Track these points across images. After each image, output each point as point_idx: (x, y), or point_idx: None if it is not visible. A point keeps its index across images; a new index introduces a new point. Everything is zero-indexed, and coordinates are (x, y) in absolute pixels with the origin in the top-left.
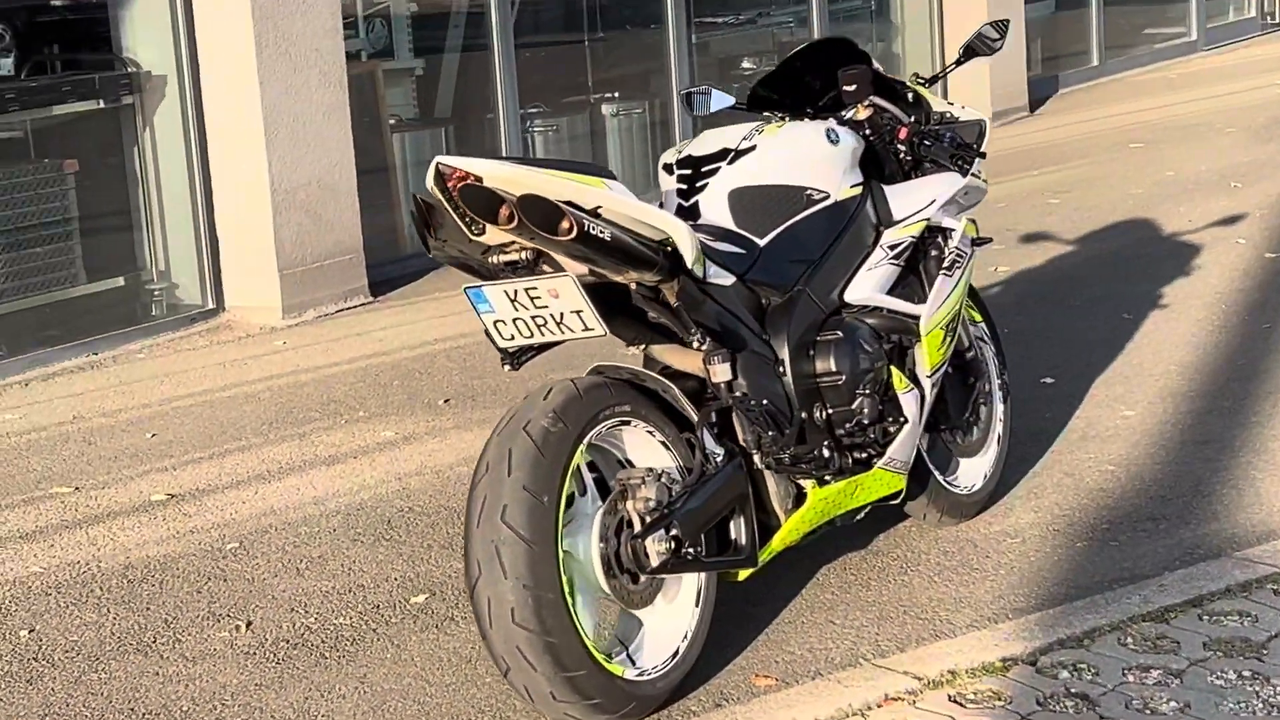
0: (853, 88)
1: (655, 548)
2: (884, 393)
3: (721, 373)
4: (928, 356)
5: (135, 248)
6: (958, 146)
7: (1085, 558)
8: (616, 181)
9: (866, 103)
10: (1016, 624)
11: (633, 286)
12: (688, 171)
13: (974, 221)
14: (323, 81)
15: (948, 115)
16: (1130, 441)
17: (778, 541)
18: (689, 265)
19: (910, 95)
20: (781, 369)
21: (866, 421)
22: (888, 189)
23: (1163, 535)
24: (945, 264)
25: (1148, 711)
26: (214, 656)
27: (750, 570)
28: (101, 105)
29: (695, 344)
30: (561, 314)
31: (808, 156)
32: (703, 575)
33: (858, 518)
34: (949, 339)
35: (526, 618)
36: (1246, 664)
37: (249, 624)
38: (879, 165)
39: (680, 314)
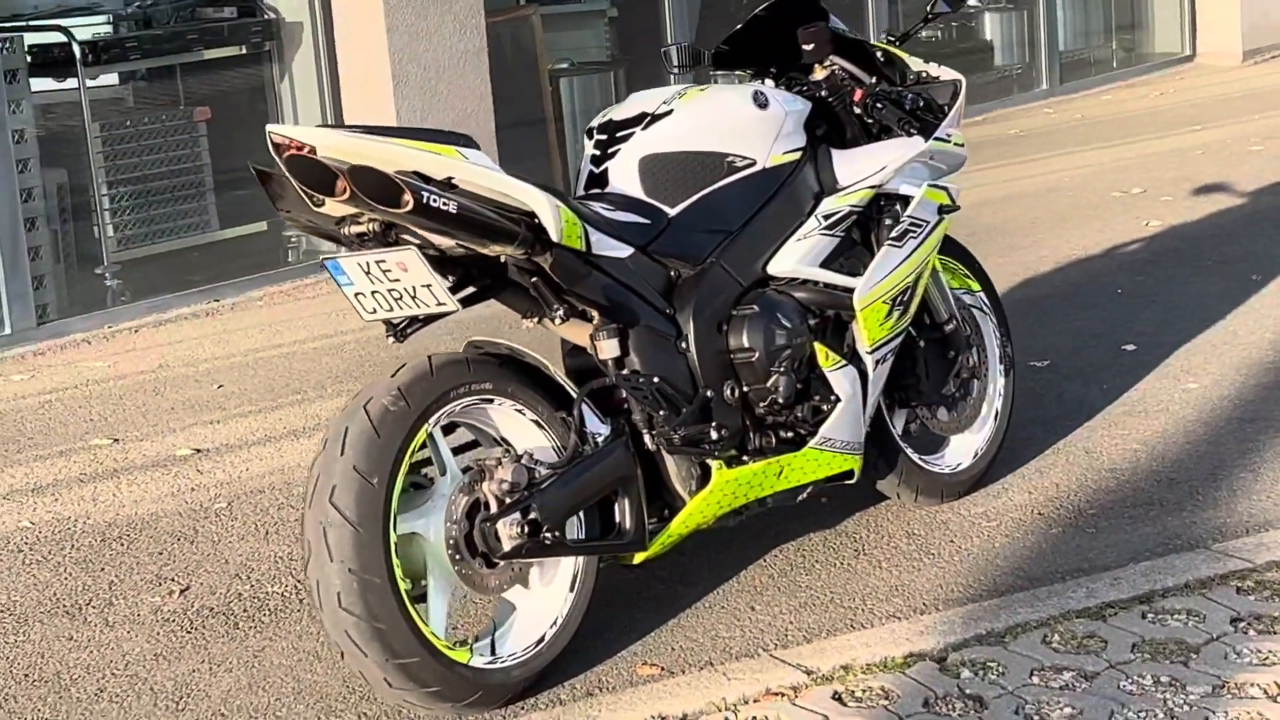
0: (810, 46)
1: (508, 531)
2: (807, 370)
3: (607, 349)
4: (867, 331)
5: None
6: (917, 109)
7: (1052, 545)
8: (476, 150)
9: (826, 63)
10: (940, 616)
11: (503, 259)
12: (604, 137)
13: (944, 188)
14: (458, 28)
15: (924, 76)
16: (1175, 417)
17: (678, 524)
18: (554, 237)
19: (880, 55)
20: (684, 344)
21: (782, 400)
22: (837, 155)
23: (1149, 522)
24: (893, 234)
25: (1037, 718)
26: (133, 623)
27: (645, 554)
28: (243, 51)
29: (557, 320)
30: (414, 288)
31: (730, 121)
32: (580, 559)
33: (799, 498)
34: (898, 313)
35: (352, 603)
36: (1170, 669)
37: (185, 590)
38: (840, 129)
39: (540, 289)
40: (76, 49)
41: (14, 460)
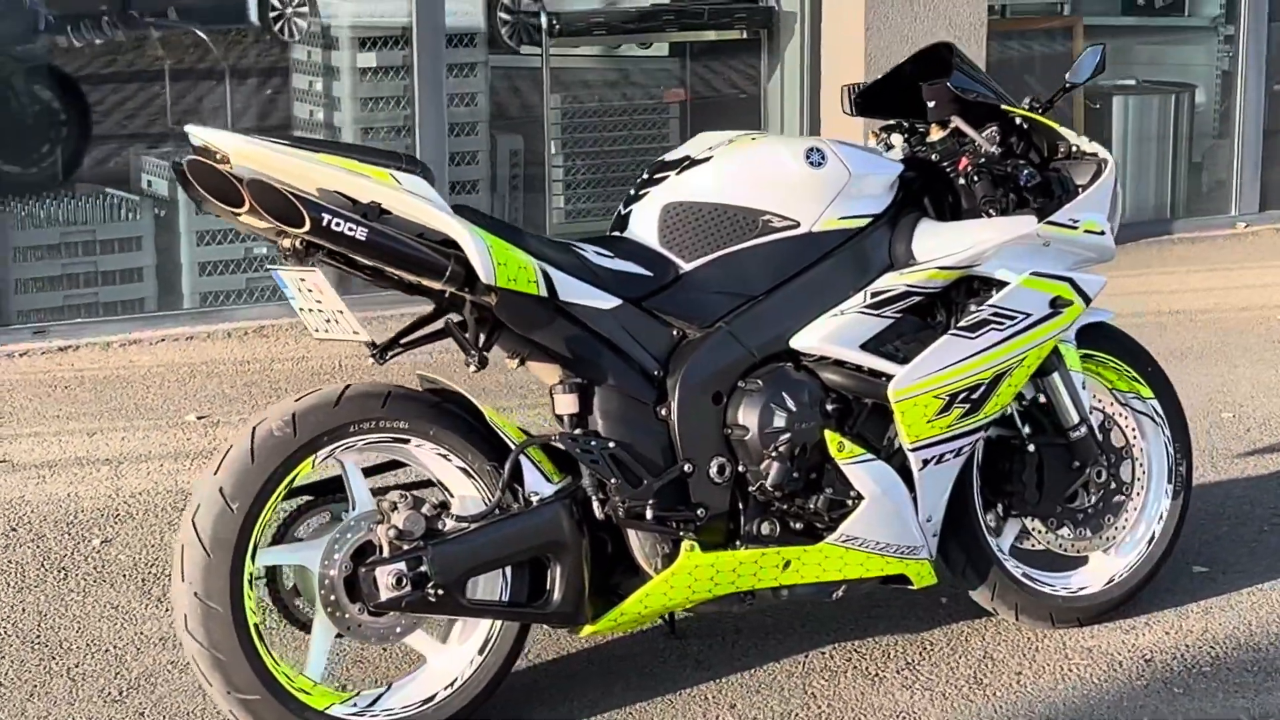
0: (932, 103)
1: (385, 580)
2: (819, 459)
3: (564, 404)
4: (907, 426)
5: None
6: (1030, 186)
7: (1137, 700)
8: (413, 176)
9: (950, 123)
10: None
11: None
12: (646, 177)
13: (1065, 279)
14: (952, 34)
15: (1075, 150)
16: None
17: (633, 603)
18: (482, 277)
19: (1022, 122)
20: (665, 412)
21: (771, 487)
22: (926, 227)
23: (1243, 695)
24: (963, 322)
25: None
26: None
27: (593, 629)
28: (743, 35)
29: (473, 368)
30: (333, 312)
31: (774, 177)
32: (497, 623)
33: (834, 595)
34: (960, 410)
35: (195, 628)
36: None
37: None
38: (954, 197)
39: (467, 328)
40: (544, 19)
41: None
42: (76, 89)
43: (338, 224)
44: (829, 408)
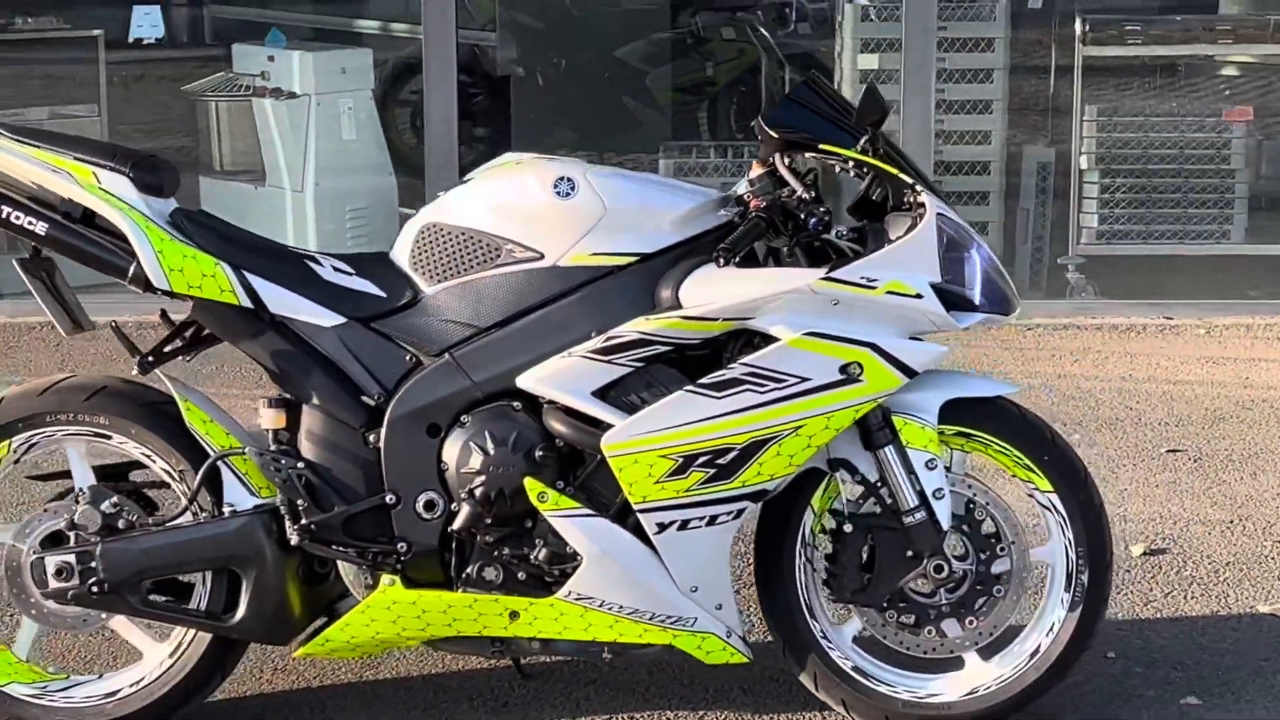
0: (760, 138)
1: (52, 569)
2: (519, 506)
3: (266, 418)
4: (629, 485)
5: None
6: (816, 237)
7: None
8: (117, 175)
9: (766, 161)
10: None
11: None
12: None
13: (867, 345)
14: None
15: (907, 200)
16: None
17: (336, 630)
18: (155, 283)
19: (854, 166)
20: (372, 438)
21: (458, 528)
22: (702, 272)
23: None
24: (705, 379)
25: None
26: None
27: (306, 651)
28: None
29: (136, 371)
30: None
31: (521, 205)
32: (190, 631)
33: (604, 656)
34: (701, 474)
35: None
36: None
37: None
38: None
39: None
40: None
41: None
42: None
43: (16, 217)
44: (538, 454)
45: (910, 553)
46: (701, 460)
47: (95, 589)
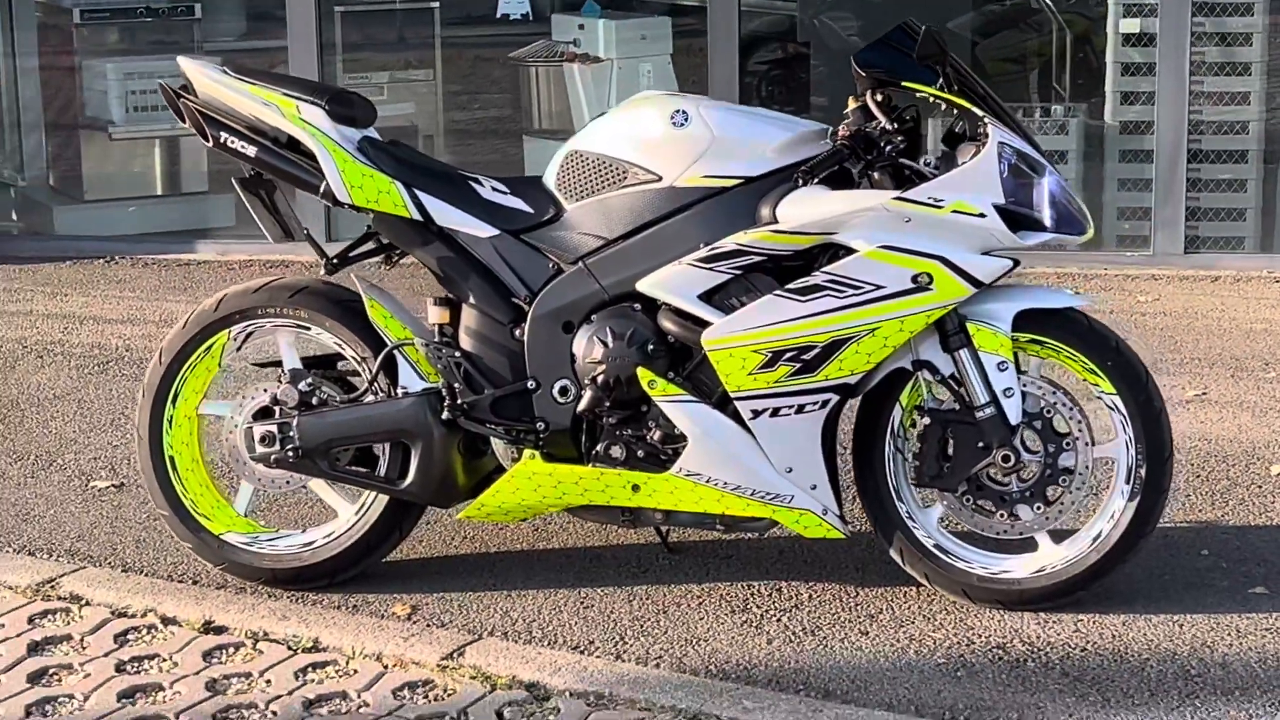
0: (857, 79)
1: (257, 436)
2: (632, 393)
3: (433, 315)
4: (726, 376)
5: None
6: (892, 161)
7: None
8: (315, 108)
9: (859, 98)
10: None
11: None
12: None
13: (937, 258)
14: None
15: (980, 130)
16: None
17: (488, 496)
18: (338, 196)
19: (934, 101)
20: (518, 332)
21: (582, 410)
22: (800, 192)
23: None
24: (792, 285)
25: None
26: None
27: (466, 513)
28: None
29: (324, 272)
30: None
31: (642, 134)
32: (374, 494)
33: (716, 528)
34: (788, 368)
35: (137, 453)
36: None
37: None
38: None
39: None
40: None
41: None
42: None
43: (232, 142)
44: (650, 348)
45: (981, 444)
46: (788, 355)
47: (292, 454)
